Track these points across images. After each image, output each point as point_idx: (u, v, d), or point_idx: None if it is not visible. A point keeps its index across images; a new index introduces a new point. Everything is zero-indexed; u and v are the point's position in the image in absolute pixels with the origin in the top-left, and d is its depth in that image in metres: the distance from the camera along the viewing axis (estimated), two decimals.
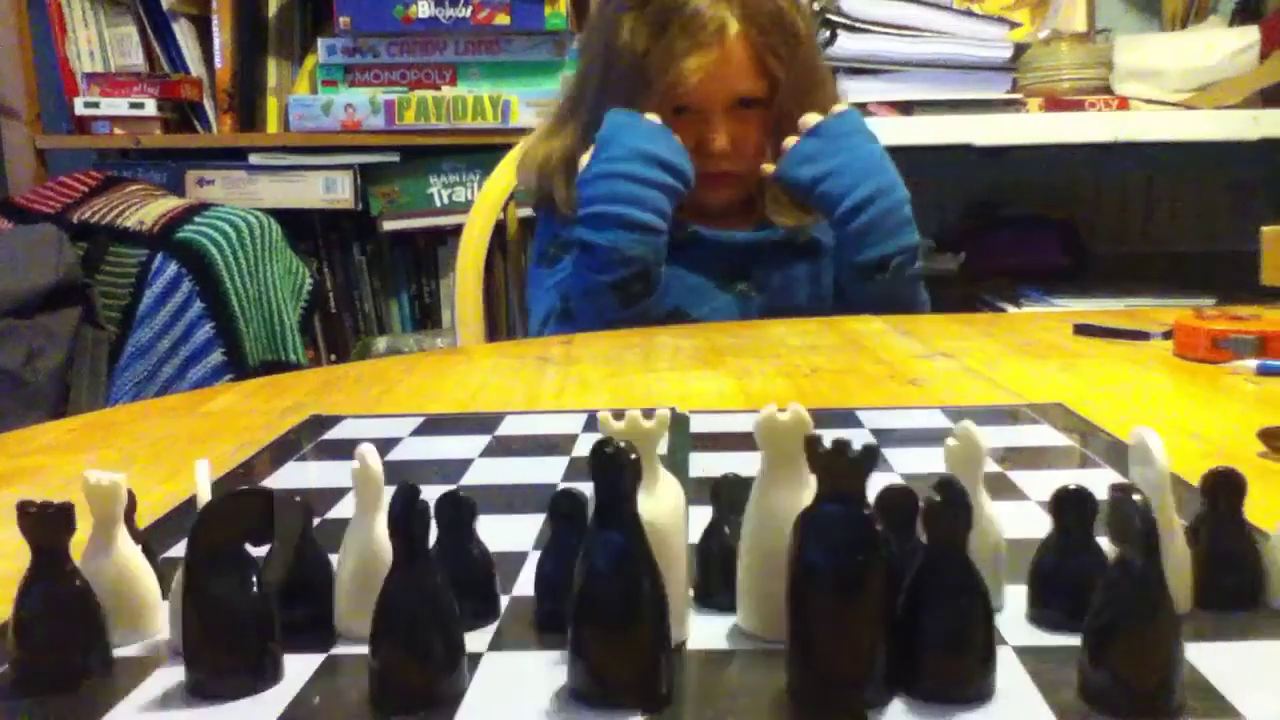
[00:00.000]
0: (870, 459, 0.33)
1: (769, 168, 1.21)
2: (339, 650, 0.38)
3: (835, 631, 0.33)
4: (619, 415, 0.37)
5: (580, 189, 1.17)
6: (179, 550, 0.46)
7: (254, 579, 0.35)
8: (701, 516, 0.51)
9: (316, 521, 0.51)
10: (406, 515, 0.32)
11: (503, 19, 2.06)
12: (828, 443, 0.34)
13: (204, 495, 0.41)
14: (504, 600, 0.42)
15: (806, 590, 0.34)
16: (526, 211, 1.46)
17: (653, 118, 1.17)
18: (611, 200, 1.13)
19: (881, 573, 0.33)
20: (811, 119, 1.19)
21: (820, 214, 1.21)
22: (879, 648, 0.33)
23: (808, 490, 0.37)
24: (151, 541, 0.48)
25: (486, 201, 1.45)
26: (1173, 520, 0.39)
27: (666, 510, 0.38)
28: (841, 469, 0.33)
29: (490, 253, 1.44)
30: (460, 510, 0.40)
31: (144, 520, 0.53)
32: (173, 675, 0.36)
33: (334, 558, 0.40)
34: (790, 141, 1.19)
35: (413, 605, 0.33)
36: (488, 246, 1.43)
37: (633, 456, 0.33)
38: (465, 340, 1.41)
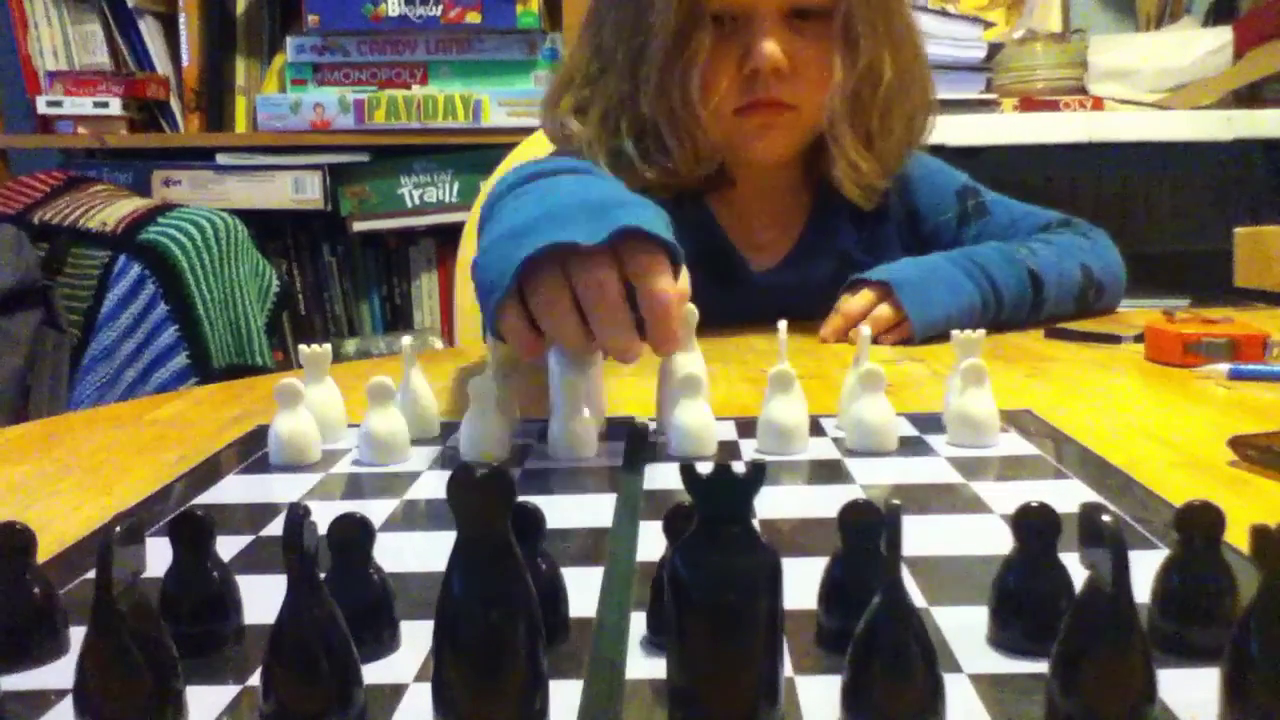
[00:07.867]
0: (757, 481, 0.31)
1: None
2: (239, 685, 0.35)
3: (717, 666, 0.31)
4: None
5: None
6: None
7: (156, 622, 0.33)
8: (651, 533, 0.49)
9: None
10: (296, 540, 0.30)
11: (474, 17, 2.03)
12: (708, 469, 0.31)
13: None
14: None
15: (686, 623, 0.31)
16: None
17: None
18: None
19: (766, 604, 0.31)
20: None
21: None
22: (768, 683, 0.31)
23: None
24: (70, 566, 0.46)
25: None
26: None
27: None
28: (719, 494, 0.31)
29: None
30: (354, 533, 0.36)
31: (73, 535, 0.51)
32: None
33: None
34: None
35: (303, 636, 0.31)
36: None
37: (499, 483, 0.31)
38: (465, 342, 1.39)
